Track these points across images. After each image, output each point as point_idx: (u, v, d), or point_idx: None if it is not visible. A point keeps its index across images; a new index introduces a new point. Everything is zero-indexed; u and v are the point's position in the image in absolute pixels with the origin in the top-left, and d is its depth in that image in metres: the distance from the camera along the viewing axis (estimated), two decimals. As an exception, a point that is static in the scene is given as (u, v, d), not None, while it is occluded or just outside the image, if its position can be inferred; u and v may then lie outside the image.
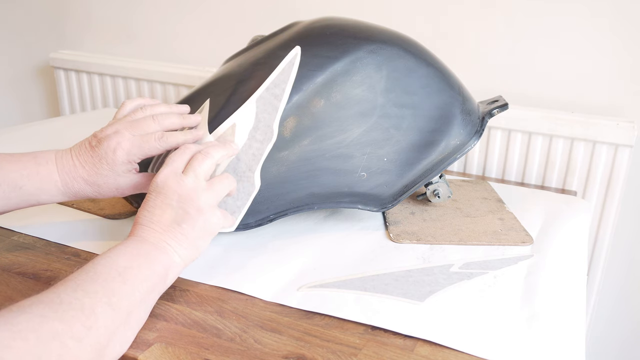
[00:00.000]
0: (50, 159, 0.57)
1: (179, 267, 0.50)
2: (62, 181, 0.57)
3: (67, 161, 0.57)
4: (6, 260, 0.58)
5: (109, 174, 0.57)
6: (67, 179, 0.57)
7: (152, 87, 1.23)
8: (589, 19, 0.89)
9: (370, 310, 0.50)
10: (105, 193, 0.58)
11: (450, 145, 0.67)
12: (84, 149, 0.58)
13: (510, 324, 0.49)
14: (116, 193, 0.59)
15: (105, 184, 0.57)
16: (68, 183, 0.57)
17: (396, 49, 0.66)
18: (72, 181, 0.57)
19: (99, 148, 0.56)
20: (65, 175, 0.57)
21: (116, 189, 0.58)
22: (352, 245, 0.63)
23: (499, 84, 0.97)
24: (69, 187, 0.57)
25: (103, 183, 0.57)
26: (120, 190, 0.59)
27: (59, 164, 0.57)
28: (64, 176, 0.57)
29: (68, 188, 0.57)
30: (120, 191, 0.59)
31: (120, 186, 0.58)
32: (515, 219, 0.71)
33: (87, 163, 0.57)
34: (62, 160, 0.57)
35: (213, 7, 1.18)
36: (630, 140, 0.85)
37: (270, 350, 0.45)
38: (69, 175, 0.57)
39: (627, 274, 0.98)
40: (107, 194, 0.59)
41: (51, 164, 0.57)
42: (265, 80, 0.62)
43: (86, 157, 0.57)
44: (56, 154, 0.58)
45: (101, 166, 0.56)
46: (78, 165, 0.57)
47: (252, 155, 0.60)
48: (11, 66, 1.46)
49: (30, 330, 0.36)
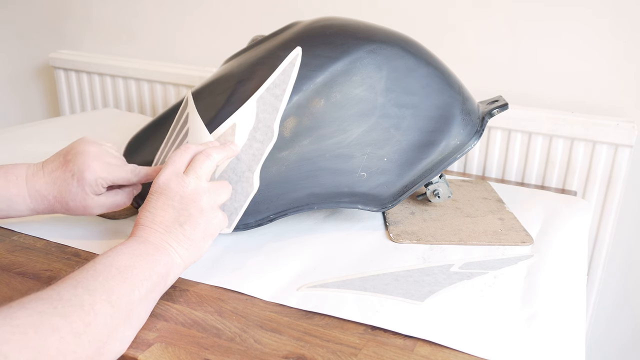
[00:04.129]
0: (20, 175, 0.58)
1: (180, 267, 0.50)
2: (31, 199, 0.58)
3: (38, 179, 0.58)
4: (6, 260, 0.58)
5: (77, 192, 0.57)
6: (37, 197, 0.58)
7: (152, 87, 1.23)
8: (590, 19, 0.89)
9: (370, 310, 0.50)
10: (74, 211, 0.59)
11: (450, 145, 0.67)
12: (58, 163, 0.58)
13: (510, 324, 0.49)
14: (84, 212, 0.59)
15: (73, 202, 0.58)
16: (37, 200, 0.58)
17: (396, 49, 0.66)
18: (42, 199, 0.58)
19: (73, 163, 0.57)
20: (35, 193, 0.58)
21: (84, 208, 0.59)
22: (352, 245, 0.63)
23: (499, 84, 0.97)
24: (38, 203, 0.58)
25: (70, 200, 0.58)
26: (88, 210, 0.59)
27: (29, 182, 0.58)
28: (34, 193, 0.58)
29: (37, 205, 0.58)
30: (89, 210, 0.59)
31: (87, 205, 0.58)
32: (515, 219, 0.71)
33: (58, 179, 0.57)
34: (33, 178, 0.58)
35: (213, 7, 1.18)
36: (630, 140, 0.85)
37: (270, 350, 0.45)
38: (39, 192, 0.58)
39: (627, 274, 0.98)
40: (75, 213, 0.59)
41: (21, 180, 0.58)
42: (265, 81, 0.62)
43: (58, 172, 0.58)
44: (27, 171, 0.58)
45: (71, 183, 0.57)
46: (49, 182, 0.58)
47: (252, 155, 0.60)
48: (11, 66, 1.46)
49: (29, 325, 0.36)
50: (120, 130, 1.04)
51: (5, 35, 1.44)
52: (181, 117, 0.66)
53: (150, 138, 0.72)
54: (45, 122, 1.11)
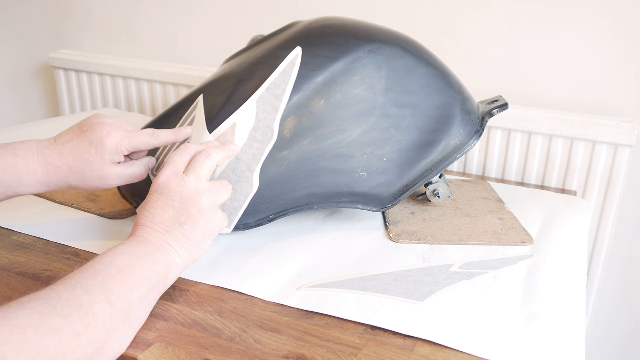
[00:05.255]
0: (30, 149, 0.57)
1: (179, 267, 0.50)
2: (43, 171, 0.56)
3: (51, 150, 0.57)
4: (6, 260, 0.58)
5: (95, 160, 0.56)
6: (49, 169, 0.56)
7: (152, 87, 1.23)
8: (590, 19, 0.89)
9: (370, 310, 0.50)
10: (89, 182, 0.58)
11: (450, 145, 0.67)
12: (73, 135, 0.57)
13: (510, 324, 0.49)
14: (100, 183, 0.58)
15: (90, 172, 0.57)
16: (50, 172, 0.57)
17: (396, 49, 0.66)
18: (55, 170, 0.57)
19: (90, 133, 0.56)
20: (47, 165, 0.56)
21: (100, 178, 0.57)
22: (352, 245, 0.63)
23: (499, 84, 0.97)
24: (51, 176, 0.57)
25: (88, 171, 0.57)
26: (104, 180, 0.58)
27: (40, 154, 0.56)
28: (46, 166, 0.56)
29: (49, 178, 0.57)
30: (105, 181, 0.58)
31: (104, 175, 0.57)
32: (515, 219, 0.71)
33: (75, 148, 0.56)
34: (44, 150, 0.57)
35: (213, 7, 1.18)
36: (630, 140, 0.85)
37: (270, 350, 0.45)
38: (52, 164, 0.56)
39: (627, 274, 0.98)
40: (90, 184, 0.58)
41: (31, 154, 0.56)
42: (265, 81, 0.62)
43: (74, 142, 0.57)
44: (38, 144, 0.57)
45: (89, 152, 0.56)
46: (64, 152, 0.57)
47: (252, 155, 0.60)
48: (11, 66, 1.46)
49: (28, 325, 0.36)
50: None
51: (5, 35, 1.44)
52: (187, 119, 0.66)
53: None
54: (45, 122, 1.11)
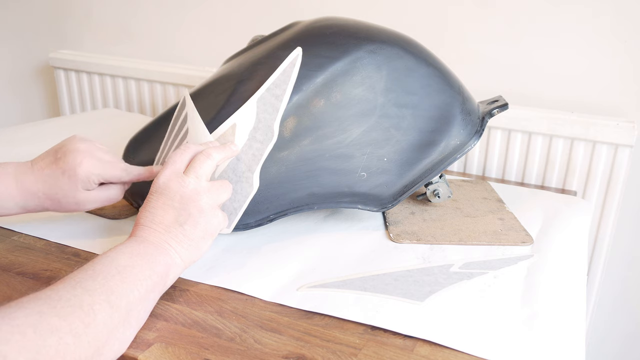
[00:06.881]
0: (9, 172, 0.57)
1: (179, 267, 0.50)
2: (20, 196, 0.57)
3: (27, 176, 0.58)
4: (6, 260, 0.58)
5: (68, 188, 0.57)
6: (26, 194, 0.57)
7: (152, 87, 1.23)
8: (590, 19, 0.89)
9: (370, 310, 0.50)
10: (65, 207, 0.59)
11: (450, 145, 0.67)
12: (48, 161, 0.58)
13: (510, 324, 0.49)
14: (75, 207, 0.59)
15: (65, 198, 0.58)
16: (27, 198, 0.58)
17: (396, 49, 0.66)
18: (32, 195, 0.58)
19: (64, 161, 0.57)
20: (24, 190, 0.57)
21: (75, 204, 0.58)
22: (352, 245, 0.63)
23: (499, 84, 0.97)
24: (28, 201, 0.58)
25: (62, 197, 0.58)
26: (79, 205, 0.59)
27: (18, 179, 0.57)
28: (23, 191, 0.57)
29: (26, 202, 0.58)
30: (80, 206, 0.59)
31: (79, 201, 0.58)
32: (515, 219, 0.71)
33: (49, 176, 0.57)
34: (22, 176, 0.58)
35: (213, 7, 1.18)
36: (630, 140, 0.85)
37: (270, 350, 0.45)
38: (28, 190, 0.57)
39: (627, 274, 0.98)
40: (66, 209, 0.59)
41: (10, 178, 0.57)
42: (265, 81, 0.62)
43: (48, 170, 0.57)
44: (16, 168, 0.58)
45: (62, 179, 0.57)
46: (39, 179, 0.57)
47: (252, 155, 0.60)
48: (11, 66, 1.46)
49: (28, 325, 0.36)
50: (120, 130, 1.04)
51: (5, 35, 1.44)
52: (179, 118, 0.66)
53: (150, 138, 0.72)
54: (45, 122, 1.11)
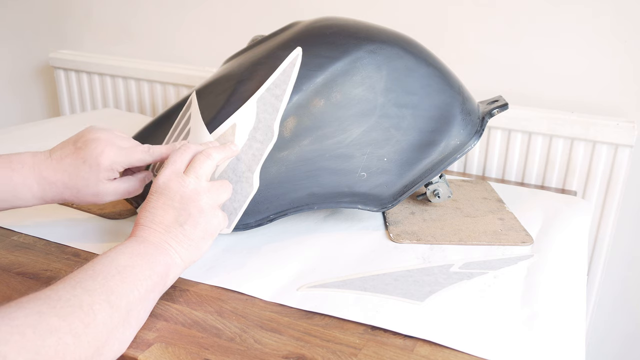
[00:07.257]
0: (26, 163, 0.56)
1: (179, 267, 0.50)
2: (38, 186, 0.56)
3: (46, 165, 0.56)
4: (6, 260, 0.58)
5: (90, 177, 0.56)
6: (44, 184, 0.56)
7: (152, 87, 1.23)
8: (590, 19, 0.89)
9: (371, 310, 0.50)
10: (83, 198, 0.57)
11: (450, 145, 0.67)
12: (67, 151, 0.57)
13: (510, 324, 0.49)
14: (94, 199, 0.58)
15: (85, 188, 0.56)
16: (45, 188, 0.56)
17: (396, 49, 0.66)
18: (50, 185, 0.56)
19: (85, 150, 0.56)
20: (43, 180, 0.56)
21: (94, 195, 0.57)
22: (352, 245, 0.63)
23: (499, 84, 0.97)
24: (46, 191, 0.56)
25: (82, 187, 0.56)
26: (99, 197, 0.57)
27: (36, 169, 0.56)
28: (41, 181, 0.56)
29: (45, 192, 0.56)
30: (99, 197, 0.58)
31: (99, 192, 0.57)
32: (515, 219, 0.71)
33: (70, 165, 0.56)
34: (40, 165, 0.56)
35: (213, 7, 1.18)
36: (630, 140, 0.85)
37: (270, 350, 0.45)
38: (47, 179, 0.56)
39: (627, 274, 0.98)
40: (84, 199, 0.58)
41: (27, 168, 0.56)
42: (265, 81, 0.62)
43: (68, 159, 0.56)
44: (33, 158, 0.56)
45: (83, 169, 0.56)
46: (59, 169, 0.56)
47: (252, 155, 0.60)
48: (11, 66, 1.46)
49: (27, 326, 0.36)
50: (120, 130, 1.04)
51: (5, 35, 1.43)
52: (184, 117, 0.66)
53: (151, 138, 0.72)
54: (45, 122, 1.11)
